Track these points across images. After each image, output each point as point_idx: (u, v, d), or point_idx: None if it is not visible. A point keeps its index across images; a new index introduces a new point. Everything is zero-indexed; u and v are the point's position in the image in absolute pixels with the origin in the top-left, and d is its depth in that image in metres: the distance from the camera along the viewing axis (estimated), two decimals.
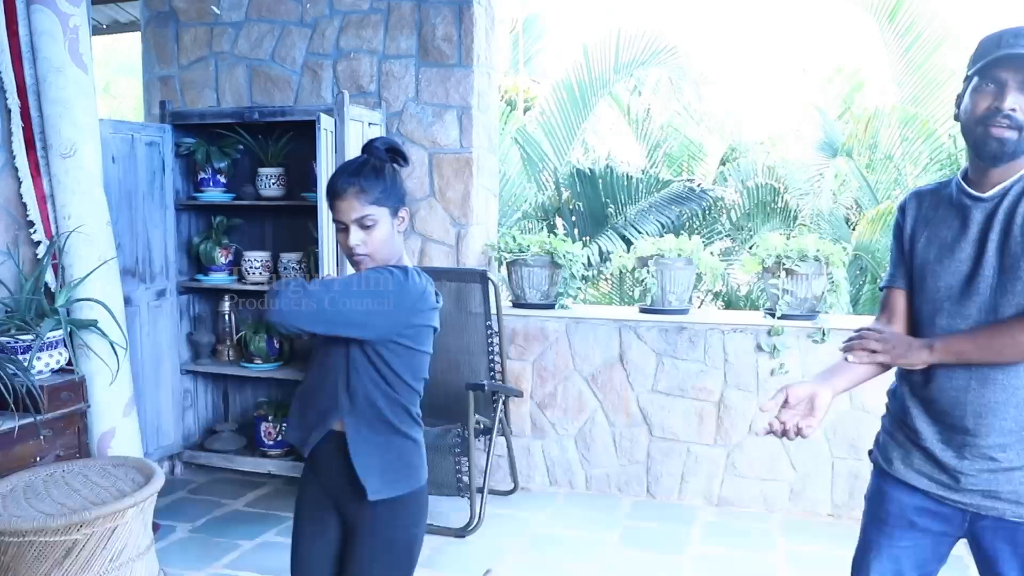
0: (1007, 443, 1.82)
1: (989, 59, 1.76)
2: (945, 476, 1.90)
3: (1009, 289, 1.79)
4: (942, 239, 1.92)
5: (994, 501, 1.84)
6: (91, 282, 3.71)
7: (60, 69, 3.69)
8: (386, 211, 2.03)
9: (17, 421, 3.29)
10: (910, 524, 1.97)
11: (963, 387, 1.84)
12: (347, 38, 4.66)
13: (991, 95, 1.77)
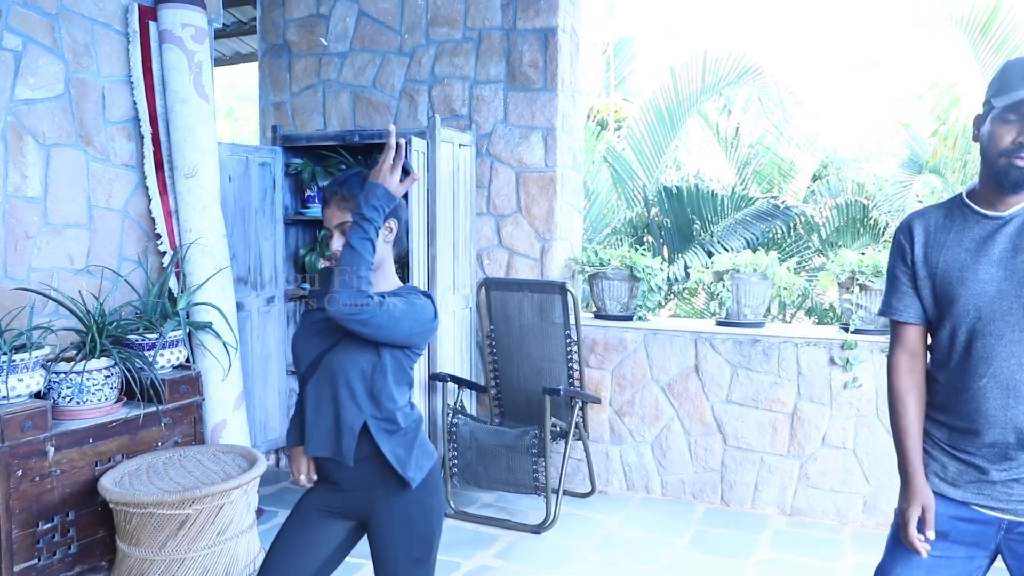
0: None
1: (1015, 100, 1.83)
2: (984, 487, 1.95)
3: None
4: (961, 261, 1.96)
5: None
6: (208, 288, 4.14)
7: (185, 100, 4.15)
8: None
9: (143, 409, 3.74)
10: (942, 534, 1.98)
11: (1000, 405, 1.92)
12: (441, 65, 5.00)
13: (1015, 129, 1.85)
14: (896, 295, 2.09)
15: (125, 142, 4.16)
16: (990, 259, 1.93)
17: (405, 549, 2.19)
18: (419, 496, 2.19)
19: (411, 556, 2.19)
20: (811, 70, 13.60)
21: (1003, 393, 1.91)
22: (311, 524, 2.28)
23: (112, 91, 4.09)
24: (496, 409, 4.77)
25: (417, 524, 2.20)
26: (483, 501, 4.60)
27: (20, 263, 3.70)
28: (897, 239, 2.11)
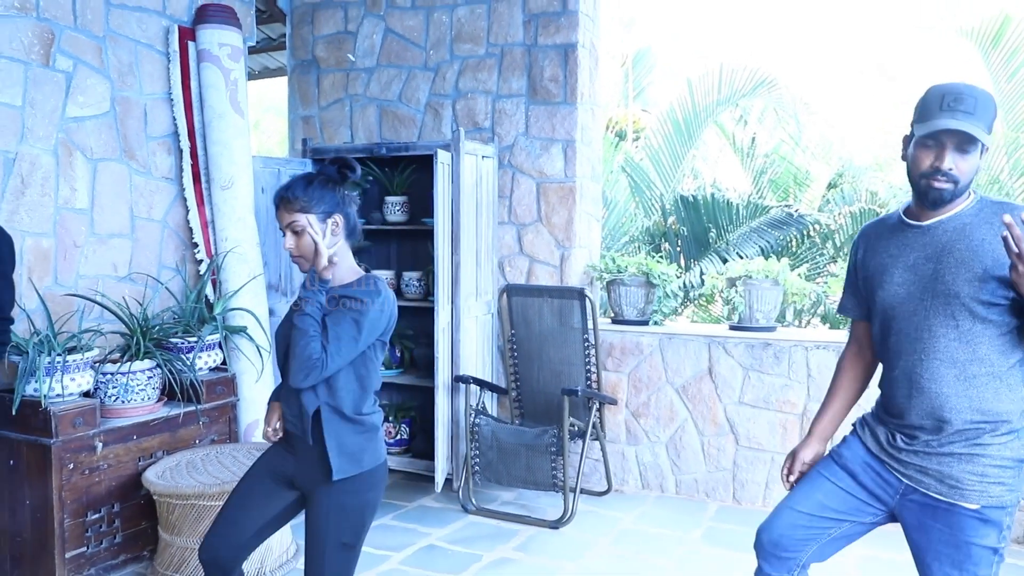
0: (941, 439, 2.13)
1: (932, 131, 2.02)
2: (893, 450, 2.22)
3: (942, 311, 2.09)
4: (883, 265, 2.22)
5: (924, 476, 2.15)
6: (243, 295, 4.37)
7: (222, 115, 4.38)
8: (313, 218, 2.27)
9: (182, 409, 3.96)
10: (852, 473, 2.29)
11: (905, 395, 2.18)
12: (465, 80, 5.20)
13: (932, 155, 2.04)
14: (846, 295, 2.44)
15: (165, 156, 4.40)
16: (905, 264, 2.16)
17: (335, 533, 2.34)
18: (358, 488, 2.35)
19: (339, 540, 2.35)
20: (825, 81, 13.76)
21: (908, 385, 2.16)
22: (264, 485, 2.49)
23: (153, 108, 4.33)
24: (516, 410, 4.96)
25: (350, 513, 2.35)
26: (503, 499, 4.79)
27: (69, 271, 3.94)
28: (853, 246, 2.43)
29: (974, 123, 1.98)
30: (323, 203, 2.29)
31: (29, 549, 3.52)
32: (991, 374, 2.07)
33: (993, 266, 2.02)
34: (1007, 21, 6.57)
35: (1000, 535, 2.11)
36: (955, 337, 2.08)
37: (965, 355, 2.07)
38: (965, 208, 2.10)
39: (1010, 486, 2.09)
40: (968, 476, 2.08)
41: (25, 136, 3.71)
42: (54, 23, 3.82)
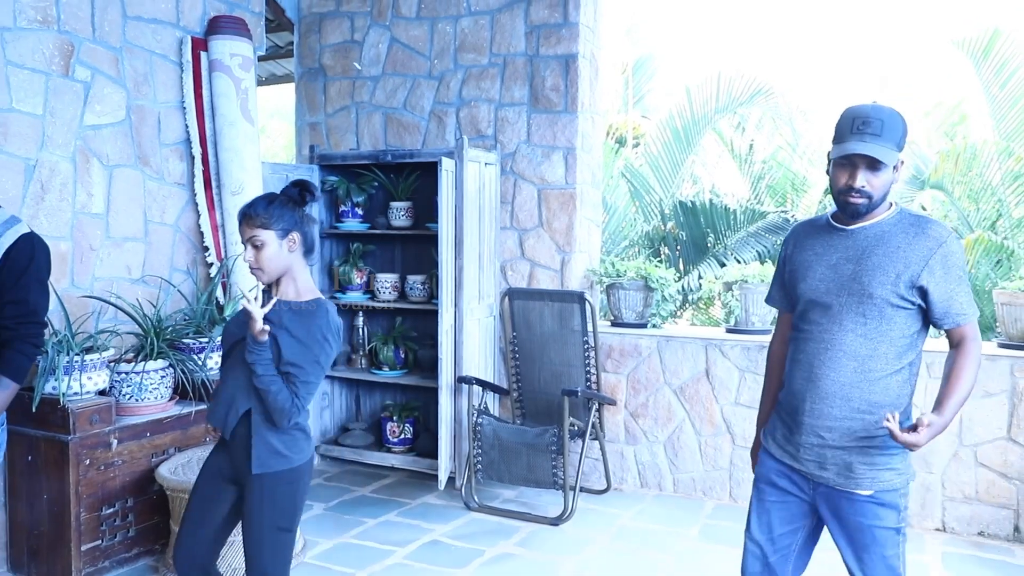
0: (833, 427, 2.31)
1: (843, 155, 2.22)
2: (790, 448, 2.41)
3: (854, 308, 2.27)
4: (808, 261, 2.41)
5: (822, 472, 2.33)
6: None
7: (233, 123, 4.52)
8: (272, 234, 2.44)
9: (194, 407, 4.09)
10: (772, 484, 2.46)
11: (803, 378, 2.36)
12: (468, 89, 5.34)
13: (847, 174, 2.24)
14: (774, 287, 2.62)
15: (177, 162, 4.54)
16: (828, 263, 2.35)
17: (271, 518, 2.50)
18: (288, 479, 2.51)
19: (275, 525, 2.51)
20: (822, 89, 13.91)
21: (808, 370, 2.34)
22: (212, 485, 2.64)
23: (167, 116, 4.47)
24: (518, 410, 5.08)
25: (281, 499, 2.51)
26: (505, 496, 4.91)
27: (85, 273, 4.07)
28: (784, 242, 2.59)
29: (881, 144, 2.18)
30: (282, 221, 2.46)
31: (46, 542, 3.64)
32: (886, 371, 2.26)
33: (904, 272, 2.22)
34: (997, 34, 6.72)
35: (899, 516, 2.30)
36: (861, 333, 2.26)
37: (866, 351, 2.26)
38: (886, 218, 2.30)
39: (899, 470, 2.29)
40: (859, 465, 2.27)
41: (45, 144, 3.85)
42: (74, 35, 3.96)
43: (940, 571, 3.94)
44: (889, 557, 2.30)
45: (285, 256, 2.48)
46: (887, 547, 2.29)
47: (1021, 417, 4.25)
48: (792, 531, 2.46)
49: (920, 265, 2.20)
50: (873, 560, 2.31)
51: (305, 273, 2.57)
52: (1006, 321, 4.41)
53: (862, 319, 2.25)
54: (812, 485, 2.38)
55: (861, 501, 2.28)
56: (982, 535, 4.36)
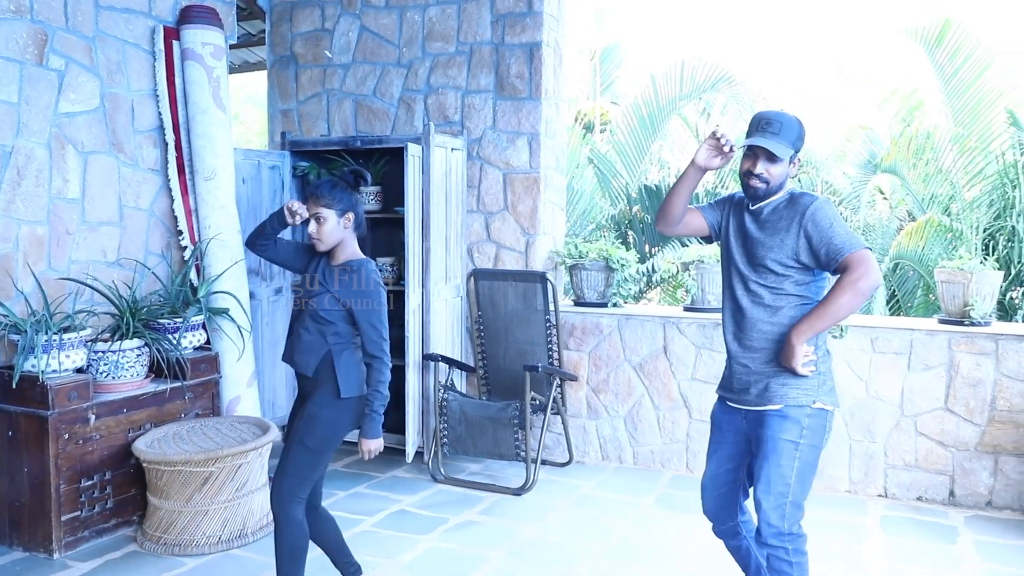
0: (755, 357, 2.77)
1: (746, 144, 2.70)
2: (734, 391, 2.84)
3: (759, 267, 2.72)
4: (730, 227, 2.87)
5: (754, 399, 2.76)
6: (225, 279, 4.65)
7: (205, 111, 4.66)
8: (333, 213, 2.98)
9: (168, 384, 4.25)
10: (717, 425, 2.95)
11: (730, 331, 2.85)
12: (436, 76, 5.50)
13: (750, 162, 2.72)
14: (711, 208, 2.97)
15: (151, 149, 4.68)
16: (741, 233, 2.81)
17: (304, 433, 2.99)
18: (337, 406, 3.00)
19: (303, 440, 2.98)
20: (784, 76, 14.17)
21: (732, 325, 2.83)
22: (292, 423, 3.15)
23: (140, 104, 4.61)
24: (484, 387, 5.28)
25: (323, 423, 2.99)
26: (471, 470, 5.11)
27: (62, 256, 4.22)
28: (729, 198, 2.98)
29: (777, 142, 2.66)
30: (341, 202, 2.99)
31: (27, 513, 3.81)
32: (792, 315, 2.69)
33: (792, 242, 2.66)
34: (948, 24, 6.94)
35: (801, 431, 2.69)
36: (771, 293, 2.71)
37: (775, 302, 2.71)
38: (780, 198, 2.76)
39: (807, 390, 2.70)
40: (775, 385, 2.71)
41: (21, 131, 3.98)
42: (47, 25, 4.09)
43: (879, 533, 4.18)
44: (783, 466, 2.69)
45: (340, 231, 3.00)
46: (783, 457, 2.68)
47: (957, 389, 4.49)
48: (739, 464, 2.92)
49: (798, 231, 2.65)
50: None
51: (353, 243, 3.10)
52: (945, 298, 4.64)
53: (765, 276, 2.71)
54: (744, 416, 2.82)
55: (771, 415, 2.71)
56: (920, 499, 4.61)
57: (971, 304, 4.49)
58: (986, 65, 6.82)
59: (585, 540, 4.05)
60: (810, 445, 2.70)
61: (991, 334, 4.44)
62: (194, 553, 3.83)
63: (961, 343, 4.48)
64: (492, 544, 3.98)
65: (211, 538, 3.87)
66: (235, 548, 3.91)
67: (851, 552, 3.93)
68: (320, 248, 3.03)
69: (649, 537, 4.10)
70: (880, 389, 4.64)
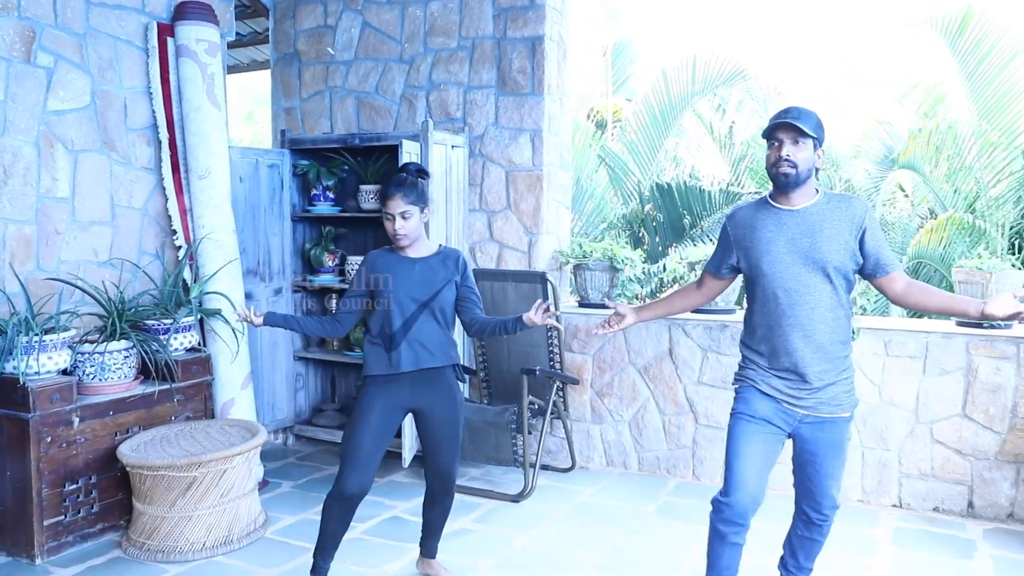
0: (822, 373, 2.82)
1: (769, 126, 2.79)
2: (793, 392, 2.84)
3: (821, 273, 2.75)
4: (767, 239, 2.82)
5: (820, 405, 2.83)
6: (218, 279, 4.57)
7: (199, 108, 4.59)
8: (417, 209, 3.16)
9: (157, 387, 4.18)
10: (767, 419, 2.86)
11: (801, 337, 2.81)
12: (438, 72, 5.39)
13: (776, 150, 2.76)
14: (716, 258, 3.04)
15: (145, 147, 4.62)
16: (785, 238, 2.78)
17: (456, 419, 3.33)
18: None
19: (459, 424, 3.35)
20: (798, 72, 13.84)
21: (802, 332, 2.78)
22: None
23: (133, 101, 4.55)
24: (485, 390, 5.16)
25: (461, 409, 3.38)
26: (471, 475, 4.98)
27: (50, 256, 4.17)
28: (725, 222, 3.02)
29: (799, 123, 2.70)
30: (423, 199, 3.20)
31: (10, 517, 3.75)
32: (846, 317, 2.84)
33: (849, 239, 2.75)
34: (970, 13, 6.67)
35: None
36: (830, 291, 2.77)
37: (836, 302, 2.79)
38: (819, 200, 2.81)
39: (854, 391, 2.91)
40: (842, 395, 2.84)
41: (7, 129, 3.93)
42: (35, 21, 4.03)
43: (889, 546, 3.99)
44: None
45: (420, 227, 3.20)
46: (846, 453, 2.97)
47: (975, 395, 4.28)
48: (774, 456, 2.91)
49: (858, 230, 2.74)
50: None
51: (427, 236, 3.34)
52: None
53: (828, 281, 2.75)
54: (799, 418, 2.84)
55: (843, 422, 2.86)
56: (937, 511, 4.40)
57: None
58: (1012, 55, 6.53)
59: (578, 550, 3.91)
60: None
61: (1012, 337, 4.23)
62: (177, 560, 3.74)
63: (980, 347, 4.27)
64: (482, 554, 3.86)
65: (195, 544, 3.79)
66: (220, 555, 3.83)
67: (857, 567, 3.75)
68: (404, 243, 3.18)
69: (645, 548, 3.95)
70: (894, 394, 4.44)
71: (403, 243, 3.18)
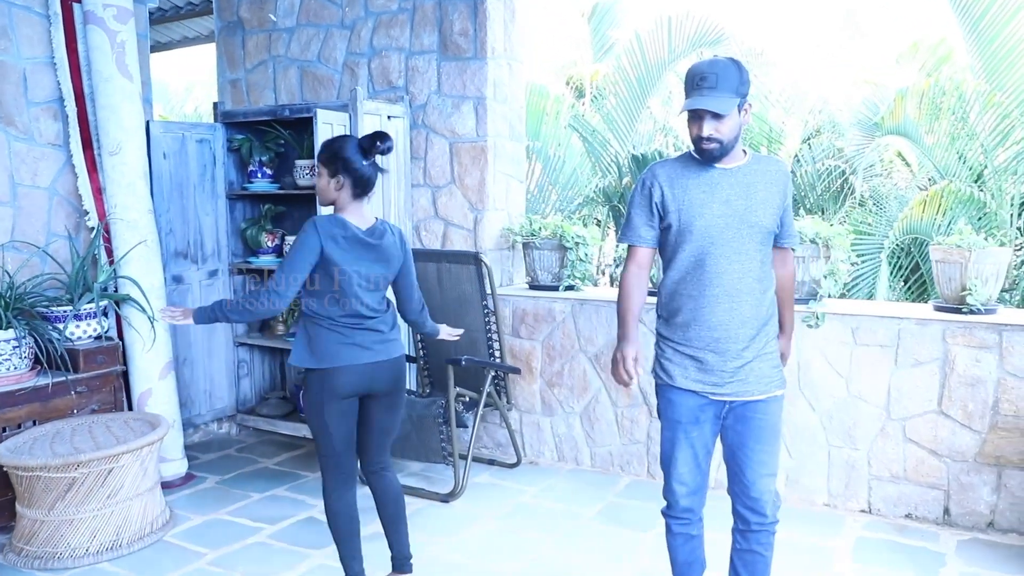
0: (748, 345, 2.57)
1: (686, 109, 2.48)
2: (711, 379, 2.58)
3: (755, 237, 2.54)
4: (700, 200, 2.54)
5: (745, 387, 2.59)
6: (131, 262, 4.28)
7: (109, 79, 4.26)
8: (325, 171, 2.92)
9: (51, 379, 3.90)
10: (694, 419, 2.63)
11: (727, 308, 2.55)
12: (379, 37, 5.00)
13: (696, 127, 2.50)
14: (643, 228, 2.65)
15: (51, 122, 4.32)
16: (720, 199, 2.54)
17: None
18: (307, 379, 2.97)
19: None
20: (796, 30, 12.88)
21: (728, 300, 2.54)
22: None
23: (34, 72, 4.25)
24: (426, 379, 4.80)
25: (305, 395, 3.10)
26: (412, 469, 4.64)
27: None
28: (644, 183, 2.66)
29: (716, 96, 2.44)
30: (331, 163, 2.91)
31: None
32: (772, 288, 2.65)
33: (778, 203, 2.60)
34: None
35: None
36: (759, 259, 2.57)
37: (763, 272, 2.59)
38: (749, 160, 2.60)
39: (781, 367, 2.69)
40: (770, 371, 2.60)
41: None
42: None
43: (847, 560, 3.54)
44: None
45: (334, 194, 2.91)
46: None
47: (952, 388, 3.80)
48: (708, 451, 2.70)
49: (782, 195, 2.62)
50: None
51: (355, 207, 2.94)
52: (940, 280, 3.94)
53: (760, 246, 2.56)
54: (727, 406, 2.62)
55: (777, 401, 2.63)
56: (910, 517, 3.94)
57: (969, 288, 3.78)
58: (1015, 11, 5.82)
59: (493, 560, 3.54)
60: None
61: (993, 324, 3.73)
62: (55, 567, 3.47)
63: (958, 335, 3.78)
64: (386, 563, 3.51)
65: (76, 550, 3.51)
66: (105, 561, 3.55)
67: None
68: (321, 203, 2.99)
69: (571, 558, 3.57)
70: (863, 388, 3.97)
71: (321, 202, 2.99)
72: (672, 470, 2.72)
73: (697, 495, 2.74)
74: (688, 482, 2.71)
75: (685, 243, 2.57)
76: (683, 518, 2.77)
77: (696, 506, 2.76)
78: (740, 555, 2.76)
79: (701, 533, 2.84)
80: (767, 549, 2.71)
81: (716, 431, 2.69)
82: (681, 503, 2.73)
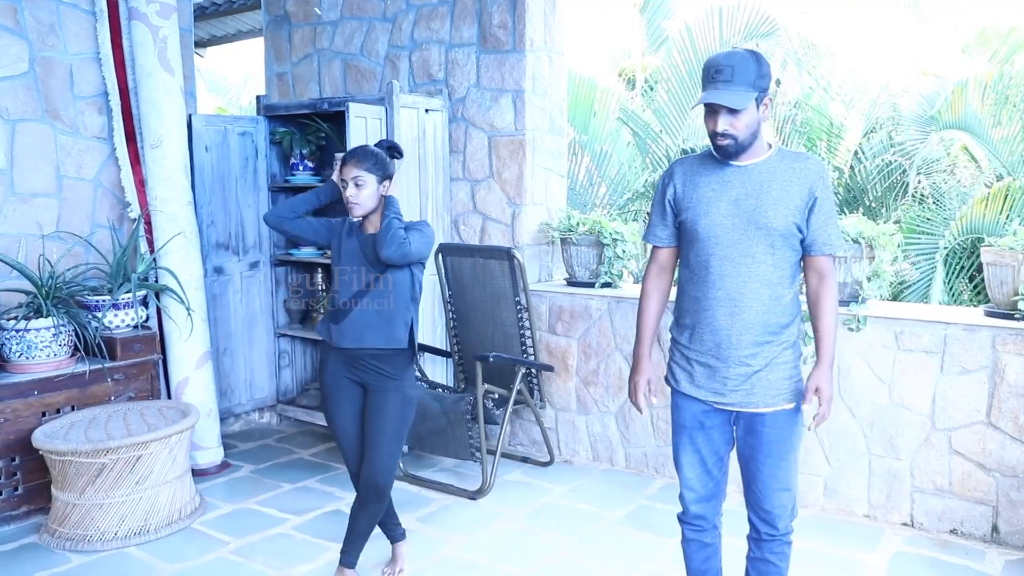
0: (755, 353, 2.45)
1: (702, 102, 2.38)
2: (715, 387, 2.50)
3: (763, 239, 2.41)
4: (707, 198, 2.45)
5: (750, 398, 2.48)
6: (170, 253, 4.36)
7: (151, 74, 4.35)
8: (373, 178, 2.94)
9: (88, 366, 4.00)
10: (700, 425, 2.57)
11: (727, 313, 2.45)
12: (420, 30, 4.98)
13: (712, 121, 2.39)
14: (658, 226, 2.62)
15: (96, 116, 4.42)
16: (729, 198, 2.43)
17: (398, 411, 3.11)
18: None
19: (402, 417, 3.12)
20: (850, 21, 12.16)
21: (730, 304, 2.43)
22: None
23: (81, 68, 4.35)
24: (461, 375, 4.77)
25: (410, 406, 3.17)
26: (443, 465, 4.62)
27: None
28: (662, 181, 2.61)
29: (732, 91, 2.33)
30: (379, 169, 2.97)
31: None
32: (788, 296, 2.47)
33: (800, 204, 2.41)
34: None
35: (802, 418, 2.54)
36: (771, 263, 2.43)
37: (776, 278, 2.44)
38: (770, 156, 2.46)
39: (800, 379, 2.54)
40: (779, 383, 2.47)
41: None
42: None
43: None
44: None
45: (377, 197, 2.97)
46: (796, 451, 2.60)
47: (1002, 399, 3.59)
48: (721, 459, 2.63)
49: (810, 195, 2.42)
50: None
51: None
52: (992, 284, 3.72)
53: (770, 249, 2.41)
54: (734, 417, 2.54)
55: (788, 413, 2.50)
56: (955, 533, 3.74)
57: (1022, 293, 3.56)
58: None
59: (508, 562, 3.49)
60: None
61: None
62: (85, 549, 3.56)
63: (1009, 342, 3.56)
64: (384, 562, 3.48)
65: (105, 534, 3.60)
66: (132, 546, 3.62)
67: None
68: (356, 212, 2.98)
69: (589, 561, 3.50)
70: (906, 395, 3.79)
71: (355, 212, 2.97)
72: (680, 475, 2.67)
73: (709, 503, 2.67)
74: (696, 488, 2.65)
75: (693, 243, 2.50)
76: (695, 524, 2.70)
77: (708, 514, 2.68)
78: (754, 563, 2.69)
79: (716, 543, 2.76)
80: (780, 559, 2.63)
81: (729, 438, 2.61)
82: (691, 509, 2.68)
